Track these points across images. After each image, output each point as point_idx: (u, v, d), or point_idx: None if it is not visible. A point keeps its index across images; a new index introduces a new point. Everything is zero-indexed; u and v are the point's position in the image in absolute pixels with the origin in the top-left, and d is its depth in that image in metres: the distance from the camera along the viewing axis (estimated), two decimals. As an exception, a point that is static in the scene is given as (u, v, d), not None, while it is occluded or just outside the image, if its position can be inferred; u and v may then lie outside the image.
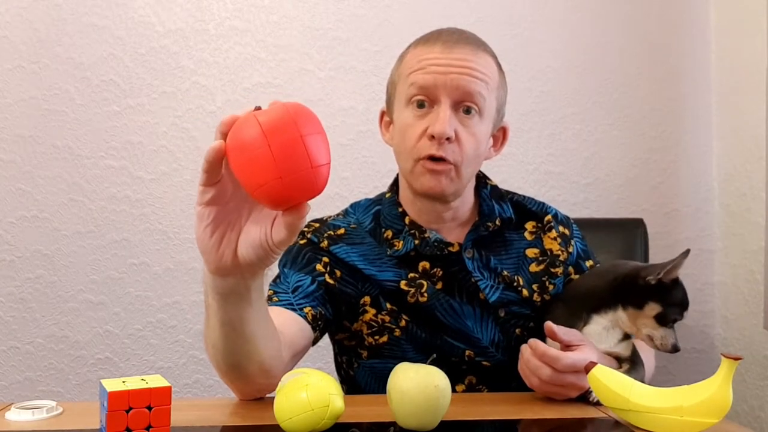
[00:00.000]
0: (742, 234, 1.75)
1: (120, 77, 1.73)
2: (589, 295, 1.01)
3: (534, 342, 0.92)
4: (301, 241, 1.10)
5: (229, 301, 0.78)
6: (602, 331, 0.98)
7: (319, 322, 1.03)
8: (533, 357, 0.91)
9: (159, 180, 1.74)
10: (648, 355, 1.11)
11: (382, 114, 1.14)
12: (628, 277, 0.98)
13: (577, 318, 0.99)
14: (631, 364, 0.98)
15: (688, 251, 0.95)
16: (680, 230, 1.86)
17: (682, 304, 0.95)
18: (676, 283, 0.96)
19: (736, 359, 0.76)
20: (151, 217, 1.74)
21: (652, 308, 0.95)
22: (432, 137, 1.00)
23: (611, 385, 0.81)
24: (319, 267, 1.07)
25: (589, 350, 0.93)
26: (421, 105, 1.02)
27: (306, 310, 1.01)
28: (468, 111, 1.02)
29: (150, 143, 1.74)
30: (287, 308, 1.00)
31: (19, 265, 1.71)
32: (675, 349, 0.95)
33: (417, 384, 0.78)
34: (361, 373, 1.11)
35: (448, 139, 0.99)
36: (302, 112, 0.66)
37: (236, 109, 1.74)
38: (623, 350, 0.99)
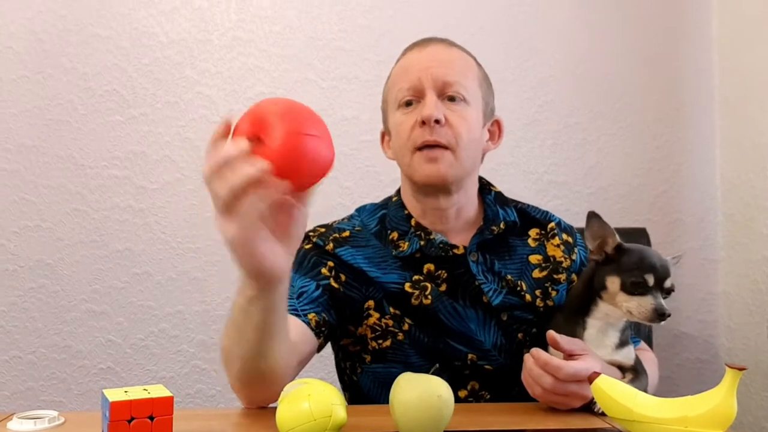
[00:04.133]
0: (745, 243, 1.75)
1: (124, 87, 1.74)
2: (578, 301, 1.01)
3: (536, 351, 0.92)
4: (307, 246, 1.11)
5: (267, 303, 0.80)
6: (598, 333, 0.98)
7: (323, 329, 1.03)
8: (535, 366, 0.91)
9: (162, 189, 1.74)
10: (651, 366, 1.11)
11: (383, 135, 1.19)
12: (592, 268, 1.00)
13: (575, 325, 0.99)
14: (634, 373, 0.98)
15: (592, 212, 0.98)
16: (684, 240, 1.85)
17: (640, 267, 0.94)
18: (623, 251, 0.96)
19: (741, 369, 0.75)
20: (154, 226, 1.74)
21: (613, 282, 0.95)
22: (423, 124, 1.04)
23: (615, 395, 0.81)
24: (324, 271, 1.08)
25: (592, 360, 0.92)
26: (409, 104, 1.08)
27: (310, 316, 1.02)
28: (453, 99, 1.06)
29: (153, 153, 1.74)
30: (291, 313, 1.00)
31: (21, 274, 1.71)
32: (658, 314, 0.91)
33: (419, 394, 0.78)
34: (365, 379, 1.11)
35: (437, 122, 1.03)
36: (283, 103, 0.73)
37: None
38: (624, 359, 0.99)
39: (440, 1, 1.81)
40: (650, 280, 0.93)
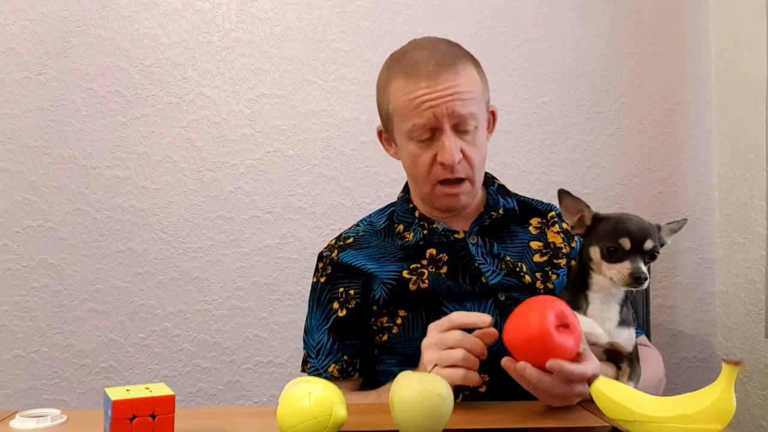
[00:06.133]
0: (742, 243, 1.76)
1: (125, 88, 1.75)
2: (578, 277, 1.00)
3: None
4: (322, 279, 1.18)
5: None
6: (600, 306, 0.96)
7: (350, 369, 1.12)
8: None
9: (164, 190, 1.75)
10: (655, 363, 1.13)
11: (380, 132, 1.20)
12: (581, 243, 1.01)
13: (579, 300, 0.98)
14: (630, 366, 0.97)
15: (561, 190, 1.01)
16: (681, 240, 1.86)
17: (614, 233, 0.92)
18: (600, 219, 0.96)
19: (737, 364, 0.76)
20: (155, 226, 1.75)
21: (594, 251, 0.94)
22: (443, 165, 1.07)
23: (615, 396, 0.81)
24: (335, 305, 1.14)
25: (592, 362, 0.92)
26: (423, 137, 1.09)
27: (331, 368, 1.12)
28: (467, 130, 1.08)
29: (155, 153, 1.75)
30: (314, 375, 1.09)
31: (24, 274, 1.72)
32: (634, 277, 0.90)
33: (419, 392, 0.79)
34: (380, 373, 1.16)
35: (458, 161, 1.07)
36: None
37: (240, 119, 1.76)
38: (625, 342, 0.96)
39: (439, 2, 1.82)
40: (626, 244, 0.92)
